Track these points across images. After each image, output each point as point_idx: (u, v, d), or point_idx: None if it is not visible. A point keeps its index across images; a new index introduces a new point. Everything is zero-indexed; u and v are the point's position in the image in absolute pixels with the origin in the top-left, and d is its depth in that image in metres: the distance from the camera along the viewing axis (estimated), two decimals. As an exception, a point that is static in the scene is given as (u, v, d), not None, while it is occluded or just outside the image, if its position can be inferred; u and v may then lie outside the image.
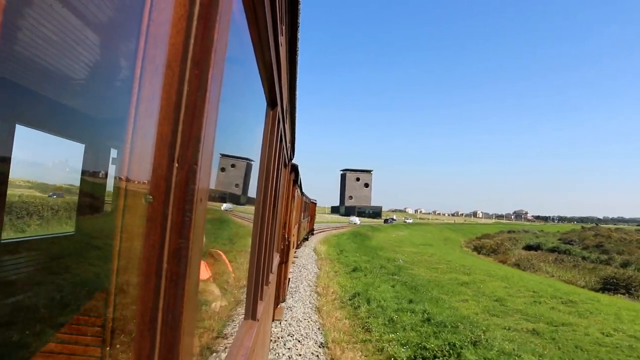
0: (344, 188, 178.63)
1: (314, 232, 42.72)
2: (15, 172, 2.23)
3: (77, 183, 2.75)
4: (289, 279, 13.58)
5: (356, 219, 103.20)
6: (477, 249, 54.31)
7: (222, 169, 2.61)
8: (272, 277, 4.60)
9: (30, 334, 2.02)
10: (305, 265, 19.80)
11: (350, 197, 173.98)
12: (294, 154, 8.74)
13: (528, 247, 61.38)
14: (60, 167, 2.76)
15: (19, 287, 2.24)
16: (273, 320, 7.44)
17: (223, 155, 2.59)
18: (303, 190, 20.96)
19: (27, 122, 2.38)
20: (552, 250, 57.48)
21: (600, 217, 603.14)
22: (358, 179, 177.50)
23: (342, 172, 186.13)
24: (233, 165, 2.56)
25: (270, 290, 4.23)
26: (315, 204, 41.47)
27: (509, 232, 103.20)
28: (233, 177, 2.57)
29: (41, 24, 1.72)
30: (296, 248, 22.33)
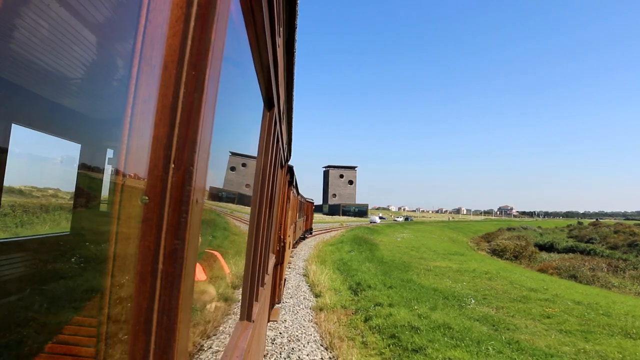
0: (327, 186, 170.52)
1: (313, 231, 41.43)
2: (12, 171, 2.23)
3: (73, 183, 2.74)
4: (285, 279, 13.53)
5: (376, 218, 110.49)
6: (497, 253, 45.90)
7: (232, 168, 2.62)
8: (268, 279, 4.60)
9: (24, 334, 2.01)
10: (294, 340, 8.66)
11: (334, 195, 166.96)
12: (290, 155, 8.73)
13: (540, 247, 53.74)
14: (57, 166, 2.75)
15: (13, 287, 2.23)
16: (269, 322, 7.43)
17: (233, 154, 2.60)
18: (299, 191, 20.97)
19: (23, 122, 2.37)
20: (570, 249, 51.17)
21: (581, 211, 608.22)
22: (342, 176, 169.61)
23: (324, 168, 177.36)
24: (244, 165, 2.56)
25: (265, 292, 4.23)
26: (313, 203, 40.81)
27: (508, 229, 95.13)
28: (243, 177, 2.57)
29: (38, 23, 1.72)
30: (292, 248, 21.47)
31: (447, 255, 31.52)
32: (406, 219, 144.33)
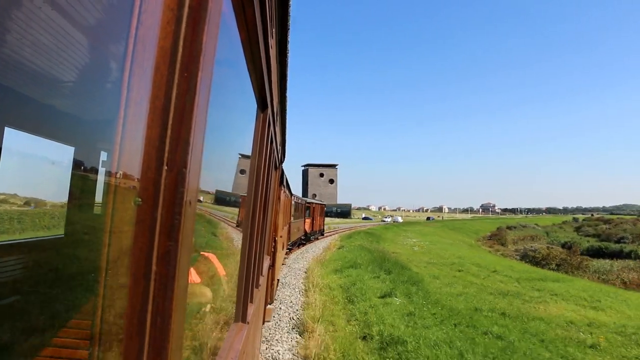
0: (306, 185, 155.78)
1: (324, 232, 39.92)
2: (5, 175, 2.22)
3: (67, 186, 2.73)
4: (278, 280, 13.33)
5: (399, 218, 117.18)
6: (536, 261, 34.96)
7: (242, 171, 2.62)
8: (262, 280, 4.59)
9: (18, 337, 2.00)
10: None
11: (314, 195, 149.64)
12: (284, 157, 8.72)
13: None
14: (50, 169, 2.74)
15: (7, 291, 2.22)
16: (263, 323, 7.42)
17: (243, 156, 2.60)
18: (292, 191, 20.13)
19: (16, 125, 2.36)
20: (598, 251, 44.79)
21: (560, 207, 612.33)
22: (322, 175, 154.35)
23: (303, 167, 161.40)
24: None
25: (260, 293, 4.22)
26: (324, 206, 39.74)
27: (508, 228, 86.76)
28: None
29: (30, 26, 1.71)
30: (287, 249, 20.02)
31: (531, 281, 20.38)
32: (428, 219, 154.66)
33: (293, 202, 21.18)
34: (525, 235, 63.20)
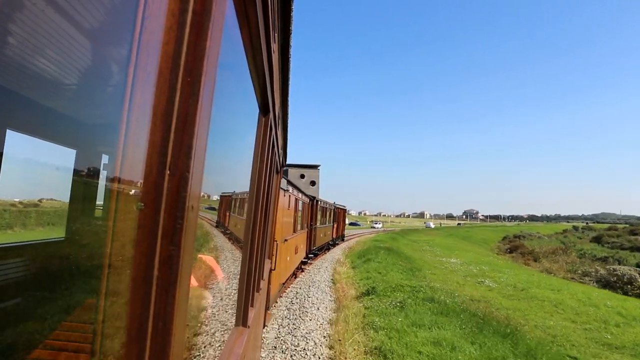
0: None
1: (344, 238, 38.00)
2: (5, 178, 2.21)
3: (68, 189, 2.73)
4: (282, 284, 13.05)
5: (431, 224, 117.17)
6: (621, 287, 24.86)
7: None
8: (263, 284, 4.59)
9: (18, 340, 2.00)
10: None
11: None
12: (286, 160, 8.72)
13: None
14: (52, 172, 2.74)
15: (5, 293, 2.21)
16: (263, 327, 7.39)
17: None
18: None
19: (18, 128, 2.36)
20: None
21: (539, 215, 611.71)
22: (302, 176, 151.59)
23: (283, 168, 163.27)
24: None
25: (261, 297, 4.21)
26: (345, 210, 36.55)
27: (515, 237, 79.71)
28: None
29: (33, 29, 1.72)
30: (305, 257, 17.51)
31: None
32: (459, 224, 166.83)
33: (324, 207, 19.81)
34: (554, 248, 53.24)
